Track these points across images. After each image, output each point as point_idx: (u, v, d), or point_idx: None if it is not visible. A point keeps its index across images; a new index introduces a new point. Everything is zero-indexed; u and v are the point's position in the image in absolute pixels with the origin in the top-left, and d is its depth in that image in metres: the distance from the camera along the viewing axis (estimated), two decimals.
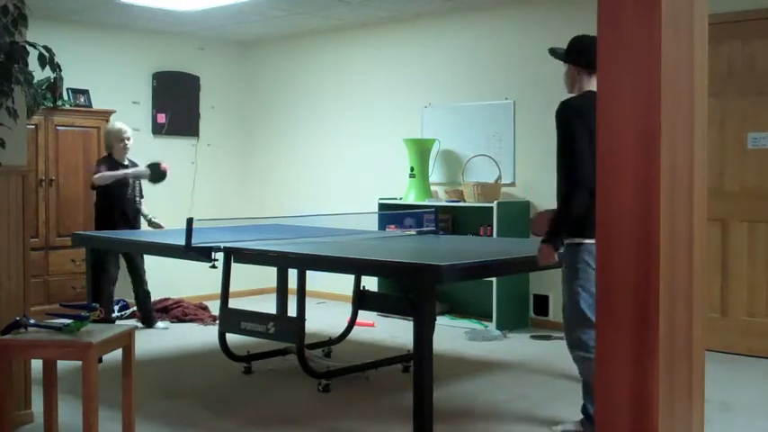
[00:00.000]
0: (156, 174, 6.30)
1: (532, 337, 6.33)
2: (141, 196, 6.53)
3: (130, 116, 7.78)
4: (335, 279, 6.18)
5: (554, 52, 4.15)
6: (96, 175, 6.23)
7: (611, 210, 2.15)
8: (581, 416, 3.95)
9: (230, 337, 4.95)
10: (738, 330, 5.58)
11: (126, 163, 6.42)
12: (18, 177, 4.04)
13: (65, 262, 7.06)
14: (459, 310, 7.07)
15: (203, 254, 4.57)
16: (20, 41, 3.75)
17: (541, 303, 6.69)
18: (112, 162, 6.37)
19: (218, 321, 5.24)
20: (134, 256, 6.44)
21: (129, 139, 6.44)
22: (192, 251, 4.58)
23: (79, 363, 3.40)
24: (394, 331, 6.42)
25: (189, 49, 8.32)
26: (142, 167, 6.34)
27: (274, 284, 5.98)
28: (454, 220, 7.08)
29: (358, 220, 6.31)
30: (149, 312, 6.66)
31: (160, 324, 6.70)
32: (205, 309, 7.20)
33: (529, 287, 6.75)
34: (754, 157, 5.55)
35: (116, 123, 6.59)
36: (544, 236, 3.77)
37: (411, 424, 3.58)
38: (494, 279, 6.43)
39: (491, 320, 6.55)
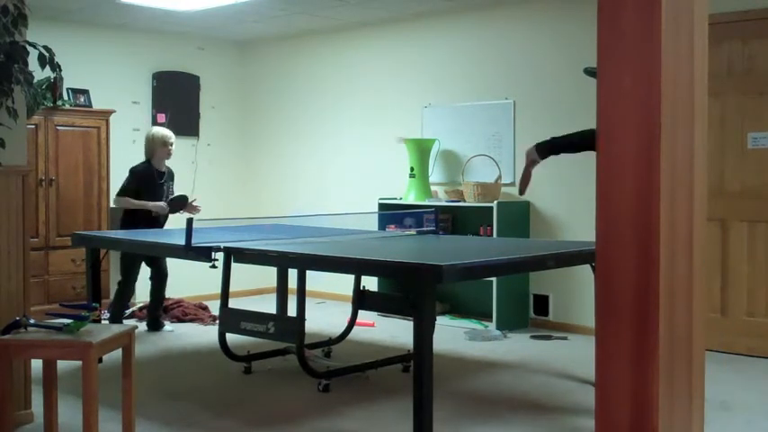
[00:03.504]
0: (176, 208, 6.35)
1: (532, 337, 6.33)
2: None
3: (130, 116, 7.80)
4: (335, 279, 6.18)
5: (591, 72, 4.07)
6: (119, 199, 6.26)
7: (611, 210, 2.16)
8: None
9: (230, 337, 4.95)
10: (738, 330, 5.58)
11: (163, 170, 6.39)
12: (18, 177, 4.04)
13: (65, 262, 7.06)
14: (459, 310, 7.07)
15: (203, 254, 4.56)
16: (20, 41, 3.75)
17: (541, 303, 6.69)
18: (148, 172, 6.30)
19: (218, 321, 5.23)
20: (161, 260, 6.41)
21: (172, 144, 6.40)
22: (191, 251, 4.57)
23: (79, 363, 3.40)
24: (394, 331, 6.42)
25: (189, 49, 8.32)
26: (163, 204, 6.29)
27: (274, 284, 5.98)
28: (454, 220, 7.08)
29: (358, 220, 6.31)
30: (158, 317, 6.62)
31: (168, 327, 6.62)
32: (205, 309, 7.20)
33: (529, 287, 6.75)
34: (754, 157, 5.55)
35: (159, 129, 6.52)
36: None
37: (411, 424, 3.57)
38: (494, 279, 6.43)
39: (491, 320, 6.54)
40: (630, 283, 2.11)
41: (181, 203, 6.37)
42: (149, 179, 6.30)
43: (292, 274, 5.06)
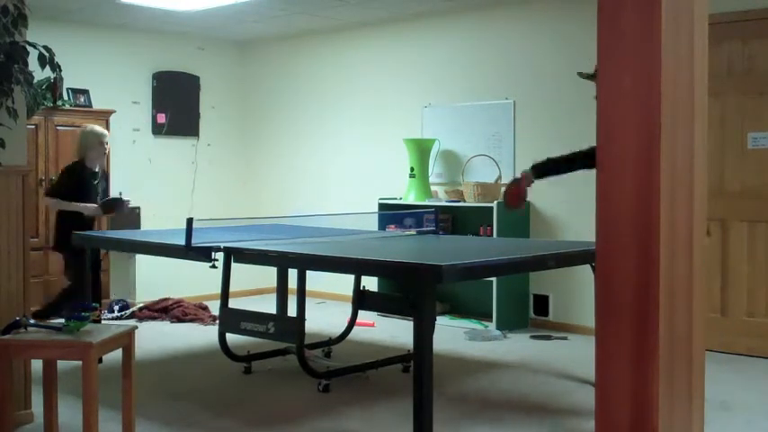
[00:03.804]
0: (109, 210, 5.95)
1: (532, 337, 6.33)
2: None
3: (130, 116, 7.80)
4: (335, 279, 6.18)
5: (588, 76, 4.13)
6: (49, 200, 5.89)
7: (611, 210, 2.15)
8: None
9: (230, 337, 4.95)
10: (738, 330, 5.58)
11: (96, 170, 5.94)
12: (18, 177, 4.04)
13: None
14: (459, 310, 7.06)
15: (203, 254, 4.56)
16: (20, 41, 3.75)
17: (541, 303, 6.69)
18: (81, 173, 5.85)
19: (218, 321, 5.23)
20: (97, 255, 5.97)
21: (107, 143, 6.00)
22: (191, 251, 4.57)
23: (79, 363, 3.40)
24: (394, 331, 6.42)
25: (189, 49, 8.32)
26: (96, 206, 5.83)
27: (274, 284, 5.98)
28: (454, 220, 7.08)
29: (358, 220, 6.31)
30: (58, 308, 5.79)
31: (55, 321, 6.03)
32: (205, 309, 7.20)
33: (529, 287, 6.75)
34: (754, 157, 5.55)
35: (94, 126, 6.07)
36: None
37: (411, 424, 3.57)
38: (494, 279, 6.42)
39: (491, 320, 6.54)
40: (630, 283, 2.10)
41: (115, 205, 5.94)
42: (82, 180, 5.86)
43: (292, 274, 5.06)
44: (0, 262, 3.96)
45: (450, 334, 6.31)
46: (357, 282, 5.58)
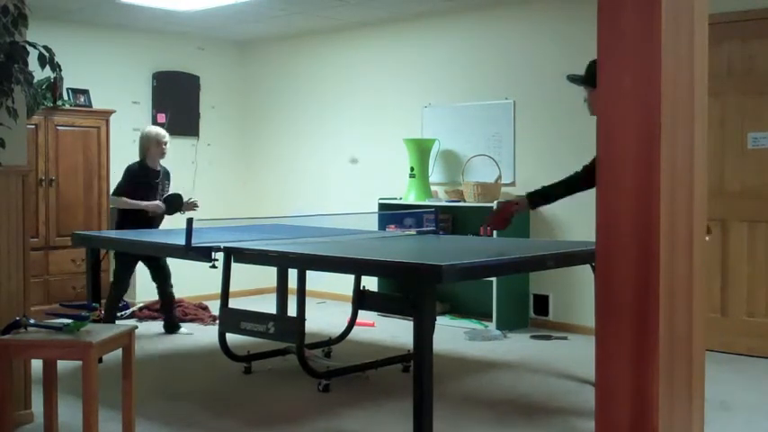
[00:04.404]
0: (173, 208, 6.37)
1: (532, 337, 6.33)
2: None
3: (130, 116, 7.80)
4: (335, 279, 6.18)
5: (573, 79, 4.18)
6: (114, 199, 6.36)
7: (611, 210, 2.16)
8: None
9: (230, 337, 4.95)
10: (738, 330, 5.58)
11: (158, 169, 6.37)
12: (18, 177, 4.04)
13: (65, 262, 7.06)
14: (459, 310, 7.06)
15: (203, 254, 4.56)
16: (20, 41, 3.75)
17: (541, 303, 6.69)
18: (142, 171, 6.29)
19: (218, 321, 5.24)
20: (159, 259, 6.31)
21: (167, 143, 6.39)
22: (191, 251, 4.57)
23: (79, 363, 3.40)
24: (394, 331, 6.42)
25: (189, 49, 8.32)
26: (159, 203, 6.30)
27: (274, 284, 5.98)
28: (454, 220, 7.07)
29: (358, 220, 6.31)
30: (173, 319, 6.51)
31: (184, 329, 6.51)
32: (205, 309, 7.20)
33: (529, 287, 6.75)
34: (754, 157, 5.55)
35: (153, 127, 6.52)
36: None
37: (411, 424, 3.57)
38: (494, 279, 6.42)
39: (491, 320, 6.54)
40: (630, 283, 2.11)
41: (176, 202, 6.38)
42: (144, 178, 6.29)
43: (292, 274, 5.06)
44: (0, 262, 3.96)
45: (450, 334, 6.31)
46: (357, 282, 5.58)
